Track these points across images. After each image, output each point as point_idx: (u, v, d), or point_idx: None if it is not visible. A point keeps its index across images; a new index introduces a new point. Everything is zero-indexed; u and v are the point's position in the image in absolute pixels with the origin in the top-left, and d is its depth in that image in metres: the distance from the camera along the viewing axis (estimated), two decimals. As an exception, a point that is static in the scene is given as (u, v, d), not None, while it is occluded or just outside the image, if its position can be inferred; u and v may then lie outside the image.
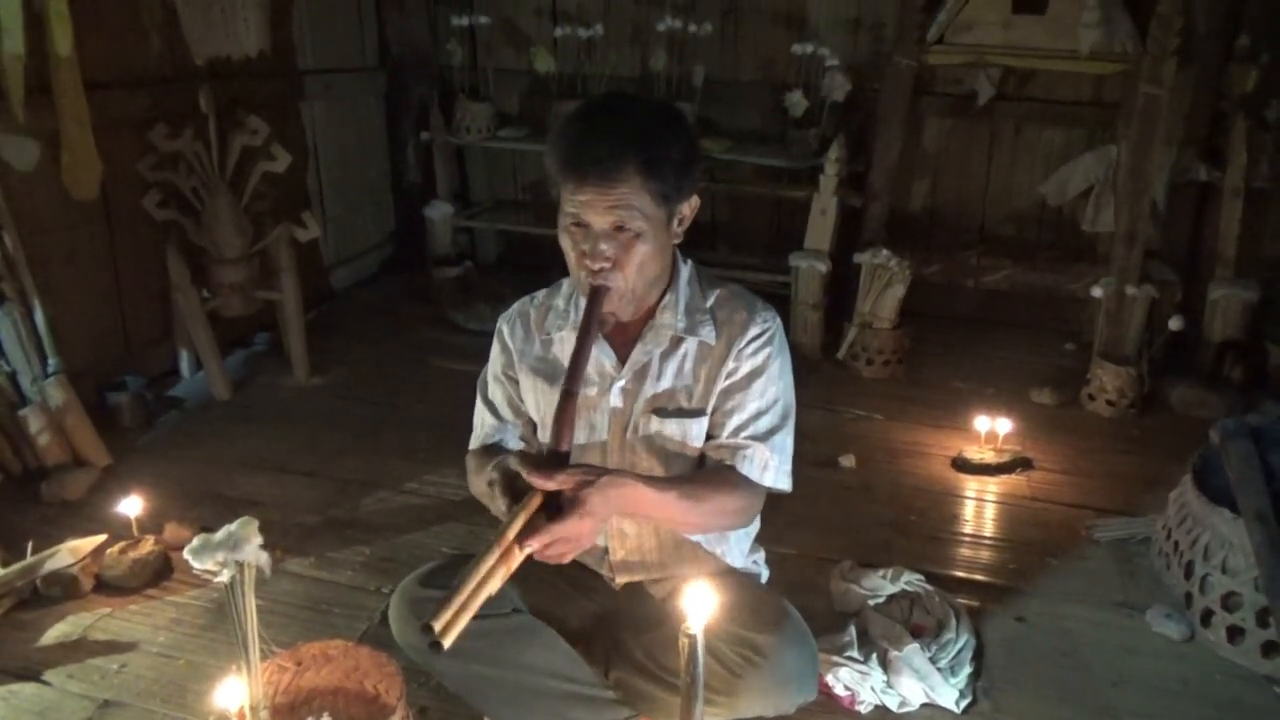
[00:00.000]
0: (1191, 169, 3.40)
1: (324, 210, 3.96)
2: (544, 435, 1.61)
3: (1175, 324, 3.10)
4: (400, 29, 4.24)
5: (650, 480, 1.39)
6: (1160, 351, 3.23)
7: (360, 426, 2.92)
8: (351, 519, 2.41)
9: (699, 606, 1.25)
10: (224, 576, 1.24)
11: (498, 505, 1.31)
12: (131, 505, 2.14)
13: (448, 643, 1.13)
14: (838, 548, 2.30)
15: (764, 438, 1.52)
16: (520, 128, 4.18)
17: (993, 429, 2.77)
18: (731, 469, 1.51)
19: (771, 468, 1.52)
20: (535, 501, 1.26)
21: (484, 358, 1.68)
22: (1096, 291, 3.20)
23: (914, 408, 3.15)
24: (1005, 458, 2.73)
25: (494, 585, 1.20)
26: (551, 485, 1.26)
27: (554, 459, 1.31)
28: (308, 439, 2.83)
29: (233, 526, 1.26)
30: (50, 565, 2.04)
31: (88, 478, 2.48)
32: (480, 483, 1.51)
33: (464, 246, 4.40)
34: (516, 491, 1.29)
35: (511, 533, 1.22)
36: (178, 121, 2.93)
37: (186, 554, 1.23)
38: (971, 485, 2.67)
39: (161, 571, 2.13)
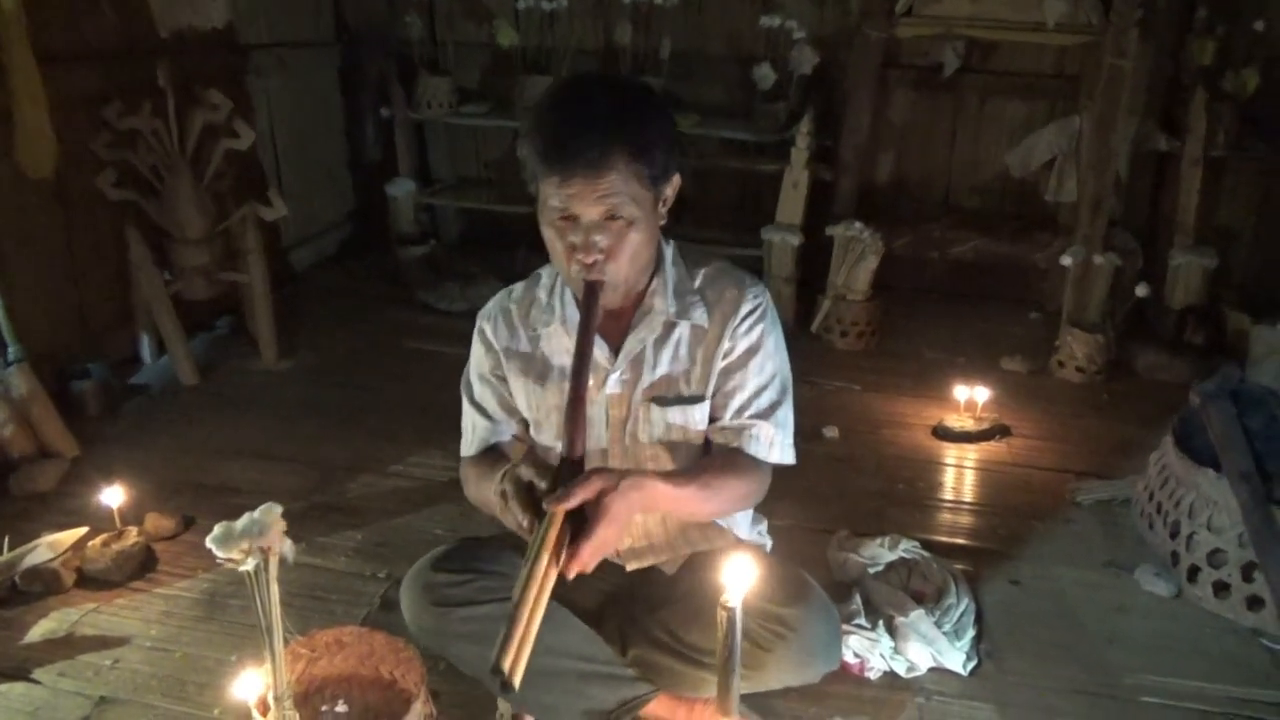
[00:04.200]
0: (1152, 139, 3.47)
1: (281, 189, 3.83)
2: (537, 434, 1.58)
3: (1141, 290, 3.18)
4: (357, 1, 4.12)
5: (666, 476, 1.37)
6: (1125, 318, 3.31)
7: (337, 410, 2.86)
8: (338, 504, 2.36)
9: (738, 580, 1.24)
10: (248, 565, 1.19)
11: (512, 519, 1.26)
12: (113, 495, 2.07)
13: (517, 680, 1.09)
14: (830, 518, 2.32)
15: (767, 414, 1.51)
16: (483, 103, 4.10)
17: (971, 397, 2.82)
18: (739, 451, 1.50)
19: (777, 444, 1.52)
20: (559, 517, 1.21)
21: (457, 338, 1.63)
22: (1066, 260, 3.26)
23: (891, 378, 3.18)
24: (984, 425, 2.78)
25: (541, 610, 1.16)
26: (572, 504, 1.21)
27: (569, 467, 1.26)
28: (284, 424, 2.76)
29: (255, 514, 1.22)
30: (29, 560, 1.96)
31: (57, 469, 2.39)
32: (483, 491, 1.47)
33: (426, 225, 4.31)
34: (534, 502, 1.24)
35: (546, 555, 1.17)
36: (132, 98, 2.81)
37: (209, 543, 1.19)
38: (953, 453, 2.71)
39: (146, 564, 2.06)
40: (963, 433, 2.77)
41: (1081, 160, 3.44)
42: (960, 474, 2.61)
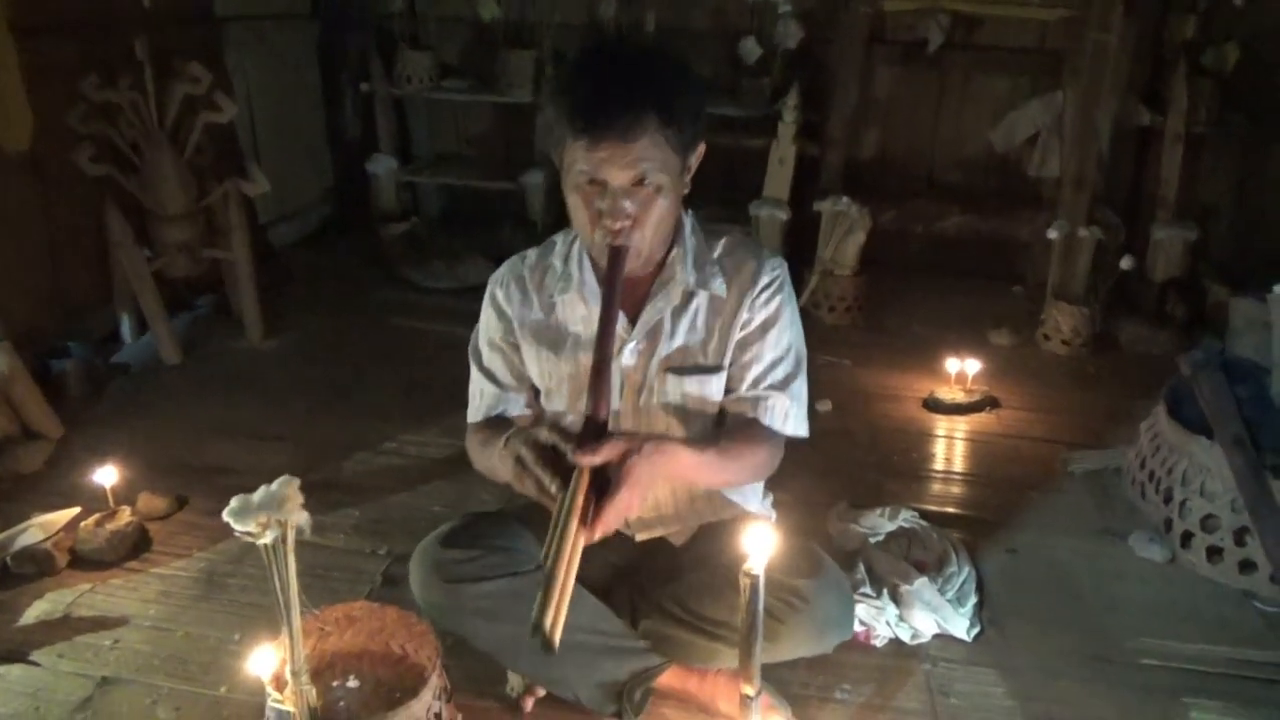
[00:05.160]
0: (1134, 114, 3.50)
1: (259, 166, 3.76)
2: (547, 403, 1.57)
3: (1126, 263, 3.22)
4: (334, -27, 4.05)
5: (688, 443, 1.37)
6: (1108, 292, 3.35)
7: (327, 389, 2.82)
8: (334, 482, 2.33)
9: (760, 548, 1.24)
10: (267, 538, 1.17)
11: (531, 483, 1.24)
12: (106, 475, 2.02)
13: (557, 639, 1.10)
14: (828, 491, 2.33)
15: (782, 386, 1.51)
16: (464, 78, 4.05)
17: (962, 370, 2.84)
18: (754, 422, 1.50)
19: (792, 416, 1.53)
20: (585, 479, 1.20)
21: (444, 315, 1.63)
22: (1052, 234, 3.29)
23: (880, 352, 3.20)
24: (975, 397, 2.81)
25: (574, 570, 1.16)
26: (598, 460, 1.21)
27: (594, 428, 1.25)
28: (273, 403, 2.72)
29: (272, 486, 1.19)
30: (20, 542, 1.92)
31: (43, 450, 2.34)
32: (489, 457, 1.47)
33: (407, 202, 4.26)
34: (556, 465, 1.23)
35: (575, 518, 1.17)
36: (109, 70, 2.74)
37: (226, 516, 1.16)
38: (945, 425, 2.73)
39: (140, 544, 2.03)
40: (953, 405, 2.79)
41: (1065, 135, 3.47)
42: (953, 445, 2.63)
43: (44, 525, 1.96)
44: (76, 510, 2.02)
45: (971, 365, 2.84)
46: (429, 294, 3.54)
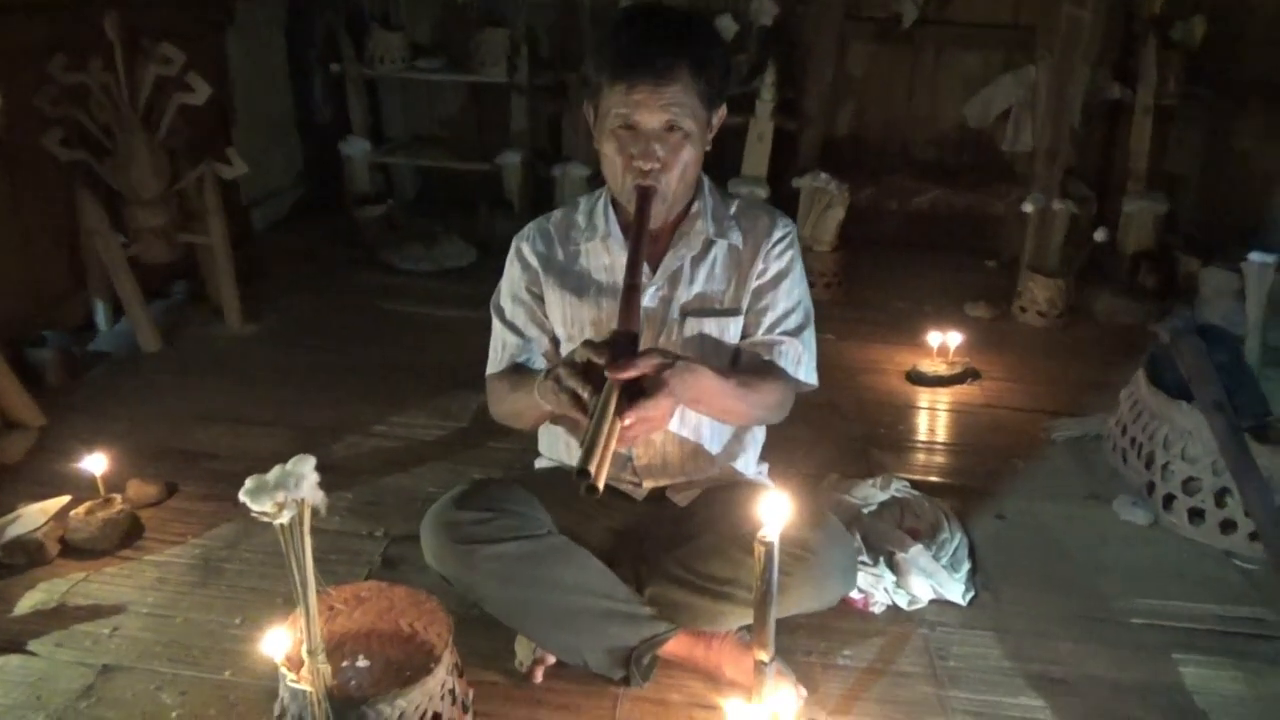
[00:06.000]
0: (1105, 88, 3.55)
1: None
2: (567, 351, 1.60)
3: (1100, 235, 3.27)
4: (302, -48, 3.98)
5: (714, 368, 1.42)
6: (1081, 264, 3.41)
7: (312, 373, 2.80)
8: (325, 466, 2.19)
9: (774, 515, 1.26)
10: (284, 518, 1.17)
11: (566, 396, 1.30)
12: (95, 463, 1.99)
13: (601, 482, 1.15)
14: (817, 463, 2.36)
15: (795, 333, 1.60)
16: (437, 57, 4.01)
17: (944, 342, 2.88)
18: (770, 363, 1.57)
19: (804, 363, 1.60)
20: (618, 388, 1.25)
21: (425, 298, 1.65)
22: (1028, 207, 3.34)
23: (861, 326, 3.23)
24: (957, 369, 2.85)
25: (612, 449, 1.20)
26: (634, 374, 1.27)
27: (626, 340, 1.31)
28: (257, 388, 2.69)
29: (287, 465, 1.19)
30: (11, 531, 1.89)
31: (25, 440, 2.30)
32: (518, 399, 1.54)
33: (381, 184, 4.22)
34: (591, 377, 1.28)
35: (610, 412, 1.21)
36: (79, 51, 2.67)
37: (243, 496, 1.16)
38: (929, 397, 2.77)
39: (132, 531, 2.00)
40: (936, 377, 2.83)
41: (1038, 110, 3.51)
42: (937, 416, 2.67)
43: (34, 514, 1.92)
44: (66, 499, 1.99)
45: (953, 338, 2.88)
46: (408, 276, 3.52)
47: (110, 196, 2.84)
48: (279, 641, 1.34)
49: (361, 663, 1.54)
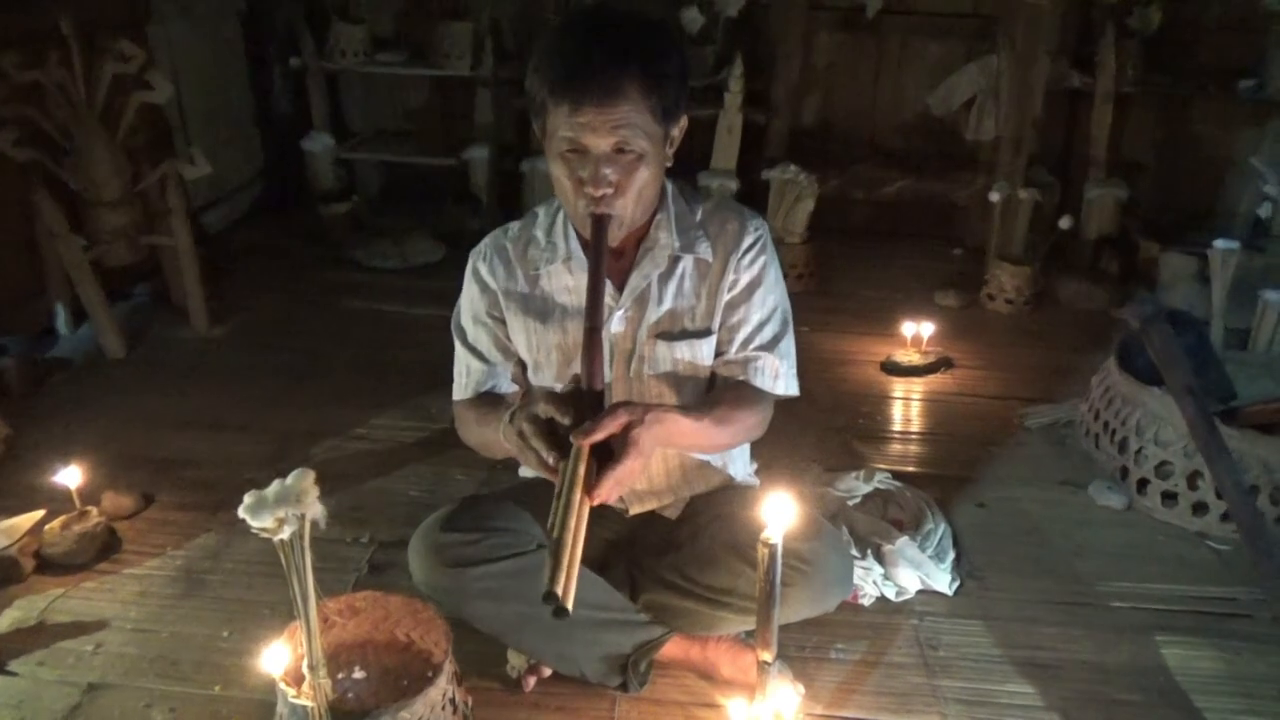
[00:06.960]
0: (1065, 76, 3.60)
1: (188, 146, 3.62)
2: (535, 376, 1.57)
3: (1065, 223, 3.33)
4: (258, -58, 3.89)
5: (685, 410, 1.37)
6: (1046, 250, 3.47)
7: (284, 376, 2.75)
8: None
9: (778, 518, 1.27)
10: (285, 534, 1.15)
11: (534, 457, 1.23)
12: (70, 476, 1.94)
13: (570, 603, 1.09)
14: (799, 456, 2.37)
15: (770, 346, 1.54)
16: (399, 50, 3.95)
17: (918, 332, 2.91)
18: (744, 384, 1.52)
19: (782, 375, 1.55)
20: (587, 451, 1.19)
21: (394, 295, 1.61)
22: (994, 196, 3.38)
23: (834, 317, 3.25)
24: (930, 359, 2.88)
25: (582, 539, 1.14)
26: (599, 437, 1.19)
27: (590, 399, 1.24)
28: (229, 393, 2.64)
29: (287, 480, 1.17)
30: (-17, 549, 1.83)
31: (-10, 452, 2.23)
32: (486, 434, 1.46)
33: (344, 180, 4.15)
34: (555, 437, 1.22)
35: (579, 489, 1.15)
36: (32, 48, 2.59)
37: (242, 513, 1.14)
38: (903, 387, 2.80)
39: (109, 545, 1.96)
40: (910, 367, 2.86)
41: (1002, 99, 3.55)
42: (913, 406, 2.71)
43: (7, 530, 1.87)
44: (41, 513, 1.94)
45: (926, 328, 2.91)
46: (376, 274, 3.47)
47: (70, 198, 2.76)
48: (277, 656, 1.32)
49: (358, 674, 1.53)
